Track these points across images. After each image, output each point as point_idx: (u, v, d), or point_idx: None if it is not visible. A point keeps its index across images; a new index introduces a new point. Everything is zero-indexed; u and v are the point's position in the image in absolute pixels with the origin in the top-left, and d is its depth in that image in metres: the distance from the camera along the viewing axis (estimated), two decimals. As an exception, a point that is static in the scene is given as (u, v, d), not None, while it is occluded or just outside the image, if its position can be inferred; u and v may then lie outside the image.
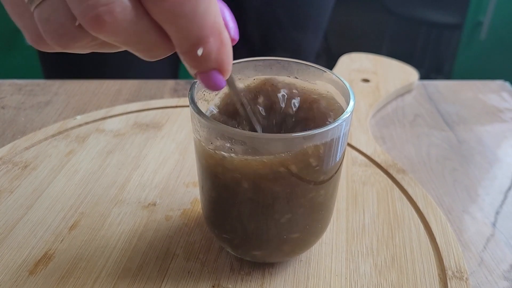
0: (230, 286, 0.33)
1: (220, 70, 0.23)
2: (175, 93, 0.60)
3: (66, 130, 0.49)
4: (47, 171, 0.43)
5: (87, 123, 0.51)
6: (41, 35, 0.22)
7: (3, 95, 0.58)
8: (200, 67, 0.22)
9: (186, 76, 0.70)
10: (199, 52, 0.21)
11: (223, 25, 0.22)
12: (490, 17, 1.66)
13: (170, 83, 0.63)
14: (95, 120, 0.51)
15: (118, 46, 0.22)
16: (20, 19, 0.22)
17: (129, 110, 0.53)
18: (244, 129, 0.30)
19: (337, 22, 2.03)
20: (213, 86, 0.23)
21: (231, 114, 0.32)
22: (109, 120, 0.51)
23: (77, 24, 0.20)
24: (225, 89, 0.33)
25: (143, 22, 0.20)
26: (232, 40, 0.23)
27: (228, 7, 0.24)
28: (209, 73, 0.23)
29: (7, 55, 1.48)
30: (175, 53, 0.23)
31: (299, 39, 0.75)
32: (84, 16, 0.19)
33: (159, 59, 0.23)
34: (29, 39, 0.23)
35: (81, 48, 0.22)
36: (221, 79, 0.23)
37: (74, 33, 0.21)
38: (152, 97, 0.59)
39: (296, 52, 0.75)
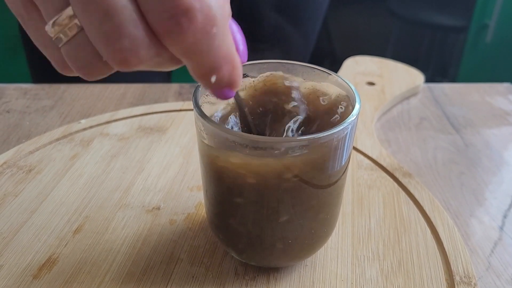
0: (234, 291, 0.33)
1: (231, 88, 0.24)
2: (180, 96, 0.60)
3: (71, 134, 0.49)
4: (51, 175, 0.43)
5: (91, 127, 0.50)
6: (65, 64, 0.23)
7: (8, 99, 0.58)
8: (213, 88, 0.24)
9: (179, 79, 0.70)
10: (213, 79, 0.23)
11: (235, 51, 0.23)
12: (496, 19, 1.66)
13: (174, 86, 0.63)
14: (99, 124, 0.51)
15: None
16: (46, 50, 0.24)
17: (133, 113, 0.53)
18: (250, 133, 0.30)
19: (341, 25, 2.03)
20: (223, 98, 0.25)
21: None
22: (113, 124, 0.51)
23: (104, 59, 0.21)
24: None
25: (163, 56, 0.22)
26: (242, 62, 0.24)
27: (240, 29, 0.25)
28: (220, 90, 0.24)
29: (12, 59, 1.48)
30: None
31: (291, 37, 0.75)
32: (112, 59, 0.21)
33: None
34: (55, 66, 0.24)
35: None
36: (232, 93, 0.24)
37: (101, 68, 0.22)
38: (156, 101, 0.59)
39: (288, 51, 0.75)
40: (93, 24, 0.20)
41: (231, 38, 0.23)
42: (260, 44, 0.74)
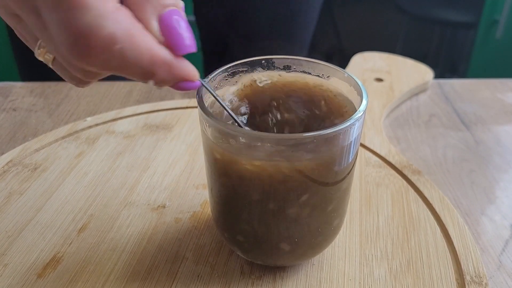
0: (240, 290, 0.32)
1: (184, 80, 0.25)
2: (186, 94, 0.60)
3: (76, 132, 0.49)
4: (57, 173, 0.43)
5: (97, 124, 0.50)
6: None
7: (14, 97, 0.58)
8: (162, 86, 0.25)
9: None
10: (151, 84, 0.24)
11: (162, 51, 0.23)
12: (506, 15, 1.63)
13: (180, 84, 0.62)
14: (105, 122, 0.51)
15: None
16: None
17: (139, 111, 0.53)
18: (253, 129, 0.30)
19: (350, 22, 2.02)
20: (187, 90, 0.26)
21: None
22: (119, 122, 0.51)
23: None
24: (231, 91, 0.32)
25: (104, 74, 0.26)
26: (188, 47, 0.24)
27: (184, 17, 0.25)
28: (177, 85, 0.25)
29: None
30: None
31: (288, 30, 0.74)
32: (76, 81, 0.27)
33: None
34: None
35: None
36: (191, 84, 0.25)
37: (82, 81, 0.27)
38: (162, 98, 0.58)
39: (285, 44, 0.75)
40: (57, 55, 0.24)
41: (149, 41, 0.23)
42: (258, 36, 0.74)
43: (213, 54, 0.81)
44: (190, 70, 0.25)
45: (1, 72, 1.48)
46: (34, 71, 0.69)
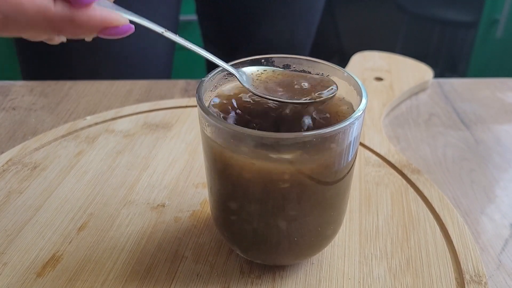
0: (239, 289, 0.32)
1: (105, 27, 0.26)
2: (186, 93, 0.60)
3: (76, 130, 0.49)
4: (56, 172, 0.43)
5: (96, 123, 0.50)
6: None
7: (14, 96, 0.58)
8: (83, 35, 0.27)
9: (185, 76, 0.69)
10: (61, 39, 0.28)
11: (57, 8, 0.25)
12: (506, 14, 1.63)
13: (180, 83, 0.62)
14: (104, 121, 0.51)
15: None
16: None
17: (138, 110, 0.53)
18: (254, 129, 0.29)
19: (350, 21, 2.02)
20: (115, 35, 0.27)
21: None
22: (118, 121, 0.51)
23: None
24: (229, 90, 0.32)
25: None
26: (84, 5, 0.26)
27: None
28: (102, 33, 0.26)
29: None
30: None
31: (290, 32, 0.74)
32: None
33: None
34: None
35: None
36: (118, 29, 0.27)
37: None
38: (162, 97, 0.58)
39: (287, 46, 0.75)
40: None
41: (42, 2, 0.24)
42: (263, 38, 0.74)
43: (216, 54, 0.81)
44: (105, 16, 0.26)
45: (0, 71, 1.48)
46: (36, 69, 0.69)
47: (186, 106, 0.54)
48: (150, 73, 0.71)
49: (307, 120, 0.29)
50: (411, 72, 0.63)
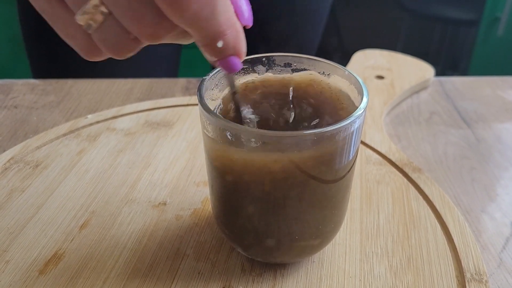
0: (241, 287, 0.32)
1: (237, 55, 0.25)
2: (187, 91, 0.60)
3: (77, 129, 0.49)
4: (58, 170, 0.43)
5: (98, 122, 0.50)
6: (93, 49, 0.26)
7: (16, 95, 0.58)
8: (220, 56, 0.25)
9: (187, 74, 0.69)
10: (219, 44, 0.24)
11: (235, 15, 0.24)
12: (508, 13, 1.63)
13: (181, 81, 0.62)
14: (106, 119, 0.51)
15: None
16: (73, 40, 0.26)
17: (140, 108, 0.53)
18: (253, 126, 0.30)
19: (351, 19, 2.01)
20: (231, 69, 0.26)
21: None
22: (120, 119, 0.51)
23: (132, 37, 0.24)
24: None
25: (176, 30, 0.24)
26: (246, 25, 0.26)
27: None
28: (227, 59, 0.25)
29: (20, 55, 1.49)
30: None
31: (298, 33, 0.74)
32: (142, 35, 0.23)
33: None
34: (82, 53, 0.26)
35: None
36: (238, 62, 0.25)
37: (130, 44, 0.25)
38: (163, 96, 0.58)
39: (295, 47, 0.75)
40: (122, 7, 0.23)
41: (230, 3, 0.24)
42: (272, 39, 0.74)
43: None
44: (245, 45, 0.25)
45: (2, 70, 1.48)
46: (45, 67, 0.69)
47: (187, 105, 0.54)
48: (155, 73, 0.71)
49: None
50: (412, 70, 0.63)
